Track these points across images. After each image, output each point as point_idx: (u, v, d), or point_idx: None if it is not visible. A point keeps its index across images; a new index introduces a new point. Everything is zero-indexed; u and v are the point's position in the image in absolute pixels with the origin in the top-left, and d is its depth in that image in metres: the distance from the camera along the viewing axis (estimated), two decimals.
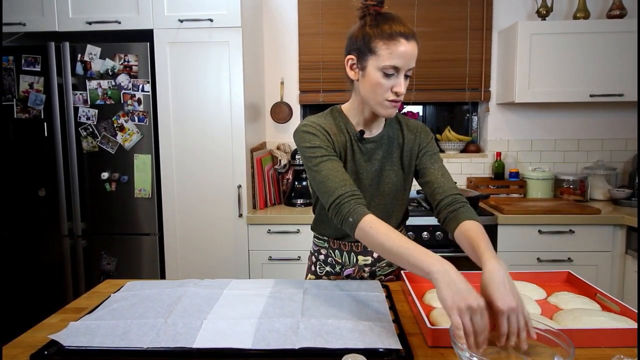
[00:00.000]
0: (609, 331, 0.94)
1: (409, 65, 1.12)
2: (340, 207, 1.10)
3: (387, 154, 1.30)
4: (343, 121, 1.28)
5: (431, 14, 2.89)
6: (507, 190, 2.85)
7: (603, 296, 1.13)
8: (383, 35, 1.10)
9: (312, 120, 1.25)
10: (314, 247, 1.46)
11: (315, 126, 1.22)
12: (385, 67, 1.11)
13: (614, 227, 2.36)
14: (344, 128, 1.27)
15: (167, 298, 1.16)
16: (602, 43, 2.55)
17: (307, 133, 1.21)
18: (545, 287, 1.25)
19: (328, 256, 1.41)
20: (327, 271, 1.42)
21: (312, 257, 1.48)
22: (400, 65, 1.11)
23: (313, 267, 1.46)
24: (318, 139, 1.20)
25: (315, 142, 1.19)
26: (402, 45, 1.09)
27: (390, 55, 1.10)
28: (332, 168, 1.16)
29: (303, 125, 1.24)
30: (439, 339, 0.94)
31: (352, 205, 1.09)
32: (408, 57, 1.11)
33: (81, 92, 2.37)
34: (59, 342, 0.93)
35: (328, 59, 2.94)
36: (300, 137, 1.22)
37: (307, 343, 0.91)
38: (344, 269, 1.40)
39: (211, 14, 2.32)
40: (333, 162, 1.17)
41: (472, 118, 3.16)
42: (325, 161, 1.17)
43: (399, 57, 1.10)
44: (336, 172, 1.15)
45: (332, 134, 1.24)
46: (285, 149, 2.92)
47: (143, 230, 2.44)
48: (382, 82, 1.13)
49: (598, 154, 2.96)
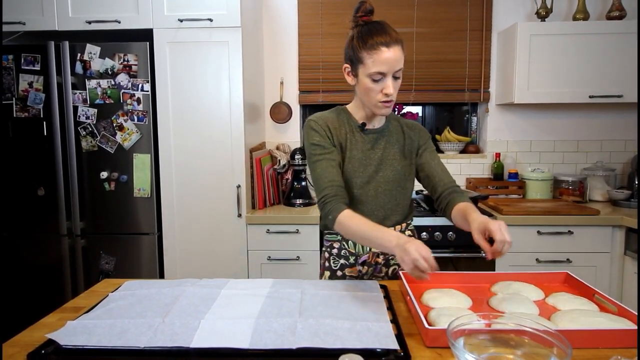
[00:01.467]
0: (606, 332, 0.94)
1: (394, 69, 1.25)
2: (325, 204, 1.28)
3: (389, 143, 1.42)
4: (346, 117, 1.42)
5: (431, 14, 2.89)
6: (506, 191, 2.85)
7: (601, 297, 1.14)
8: (366, 47, 1.25)
9: (318, 116, 1.41)
10: (326, 243, 1.52)
11: (319, 122, 1.38)
12: (372, 73, 1.25)
13: (613, 228, 2.36)
14: (345, 122, 1.41)
15: (165, 297, 1.16)
16: (602, 44, 2.55)
17: (312, 129, 1.37)
18: (543, 288, 1.25)
19: (341, 248, 1.47)
20: (342, 264, 1.47)
21: (324, 254, 1.53)
22: (385, 70, 1.24)
23: (327, 263, 1.50)
24: (319, 135, 1.35)
25: (315, 139, 1.35)
26: (384, 53, 1.23)
27: (374, 64, 1.24)
28: (325, 167, 1.32)
29: (310, 120, 1.39)
30: (436, 339, 0.94)
31: (334, 205, 1.26)
32: (391, 63, 1.23)
33: (80, 91, 2.37)
34: (56, 341, 0.93)
35: (328, 59, 2.94)
36: (307, 133, 1.38)
37: (304, 343, 0.91)
38: (359, 258, 1.45)
39: (211, 14, 2.32)
40: (327, 162, 1.33)
41: (472, 119, 3.16)
42: (320, 160, 1.33)
43: (382, 64, 1.23)
44: (327, 172, 1.31)
45: (333, 128, 1.38)
46: (284, 149, 2.92)
47: (142, 230, 2.44)
48: (372, 87, 1.27)
49: (597, 155, 2.96)
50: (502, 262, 2.40)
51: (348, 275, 1.46)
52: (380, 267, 1.47)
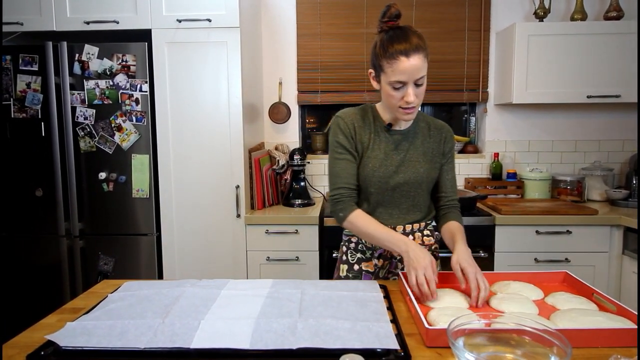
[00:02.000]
0: (606, 331, 0.95)
1: (414, 77, 1.24)
2: (337, 202, 1.38)
3: (413, 145, 1.43)
4: (373, 116, 1.44)
5: (429, 15, 2.89)
6: (505, 190, 2.86)
7: (600, 296, 1.14)
8: (386, 55, 1.25)
9: (346, 113, 1.44)
10: (344, 237, 1.56)
11: (346, 120, 1.42)
12: (392, 82, 1.26)
13: (611, 227, 2.37)
14: (371, 121, 1.43)
15: (165, 298, 1.16)
16: (600, 44, 2.55)
17: (339, 128, 1.41)
18: (542, 288, 1.25)
19: (359, 243, 1.51)
20: (359, 258, 1.51)
21: (342, 247, 1.57)
22: (404, 79, 1.24)
23: (344, 256, 1.54)
24: (344, 136, 1.40)
25: (340, 138, 1.40)
26: (402, 63, 1.22)
27: (393, 73, 1.24)
28: (344, 167, 1.39)
29: (338, 118, 1.44)
30: (436, 339, 0.94)
31: (346, 204, 1.37)
32: (410, 72, 1.23)
33: (79, 91, 2.36)
34: (56, 343, 0.93)
35: (326, 60, 2.93)
36: (333, 129, 1.43)
37: (304, 343, 0.91)
38: (375, 252, 1.48)
39: (209, 14, 2.32)
40: (347, 162, 1.40)
41: (470, 119, 3.17)
42: (341, 159, 1.40)
43: (401, 73, 1.23)
44: (345, 172, 1.39)
45: (358, 127, 1.41)
46: (283, 149, 2.92)
47: (141, 231, 2.44)
48: (393, 94, 1.28)
49: (595, 154, 2.97)
50: (500, 262, 2.40)
51: (364, 269, 1.49)
52: (395, 263, 1.49)
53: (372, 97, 2.84)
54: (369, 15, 2.83)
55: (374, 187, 1.41)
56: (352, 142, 1.40)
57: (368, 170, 1.40)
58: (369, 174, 1.40)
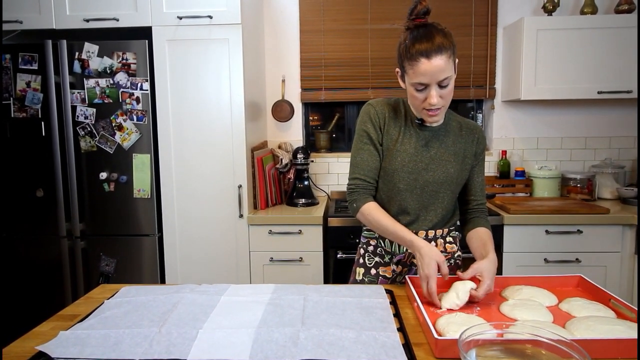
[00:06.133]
0: (625, 341, 0.89)
1: (436, 79, 1.19)
2: (353, 192, 1.38)
3: (444, 144, 1.37)
4: (405, 110, 1.39)
5: (435, 9, 2.75)
6: (513, 189, 2.80)
7: (618, 302, 1.09)
8: (407, 56, 1.21)
9: (378, 103, 1.39)
10: (363, 239, 1.52)
11: (378, 109, 1.37)
12: (414, 83, 1.22)
13: (623, 227, 2.31)
14: (403, 114, 1.38)
15: (162, 305, 1.12)
16: (610, 39, 2.49)
17: (369, 117, 1.37)
18: (556, 293, 1.20)
19: (377, 246, 1.46)
20: (376, 262, 1.46)
21: (360, 249, 1.52)
22: (426, 81, 1.20)
23: (361, 259, 1.50)
24: (373, 126, 1.36)
25: (368, 126, 1.37)
26: (422, 65, 1.18)
27: (414, 74, 1.20)
28: (366, 158, 1.37)
29: (370, 106, 1.39)
30: (446, 350, 0.89)
31: (361, 195, 1.37)
32: (431, 74, 1.18)
33: (79, 90, 2.33)
34: (47, 354, 0.89)
35: (330, 56, 2.88)
36: (362, 116, 1.39)
37: (307, 355, 0.87)
38: (394, 257, 1.44)
39: (210, 11, 2.27)
40: (370, 154, 1.37)
41: (477, 116, 3.11)
42: (364, 150, 1.37)
43: (421, 75, 1.19)
44: (366, 163, 1.37)
45: (388, 118, 1.37)
46: (286, 147, 2.87)
47: (142, 231, 2.40)
48: (416, 95, 1.24)
49: (606, 151, 2.90)
50: (509, 263, 2.35)
51: (382, 274, 1.44)
52: (415, 270, 1.43)
53: (376, 94, 2.79)
54: (373, 11, 2.78)
55: (403, 182, 1.34)
56: (380, 133, 1.36)
57: (397, 164, 1.34)
58: (398, 168, 1.34)
